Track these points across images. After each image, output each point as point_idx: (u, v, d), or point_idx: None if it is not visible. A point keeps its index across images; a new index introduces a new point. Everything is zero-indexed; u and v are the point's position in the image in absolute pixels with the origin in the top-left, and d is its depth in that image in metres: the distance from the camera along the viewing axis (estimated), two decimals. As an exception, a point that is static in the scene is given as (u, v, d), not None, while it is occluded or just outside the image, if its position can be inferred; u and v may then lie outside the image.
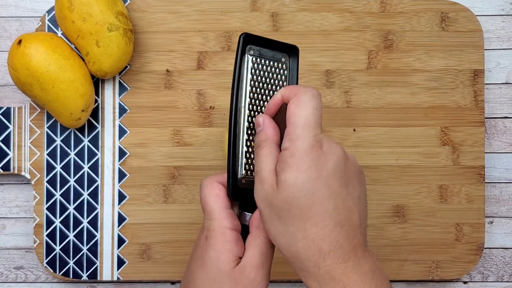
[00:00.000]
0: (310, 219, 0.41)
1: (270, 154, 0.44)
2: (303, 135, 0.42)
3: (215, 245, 0.45)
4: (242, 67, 0.47)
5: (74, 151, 0.66)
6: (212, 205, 0.47)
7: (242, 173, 0.47)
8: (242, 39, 0.47)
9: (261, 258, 0.46)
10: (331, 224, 0.42)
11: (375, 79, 0.67)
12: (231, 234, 0.46)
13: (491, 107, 0.69)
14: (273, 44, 0.49)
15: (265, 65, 0.48)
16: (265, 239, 0.46)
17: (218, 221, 0.46)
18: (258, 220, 0.47)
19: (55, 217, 0.66)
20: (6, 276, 0.68)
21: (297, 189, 0.41)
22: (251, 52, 0.48)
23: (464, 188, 0.67)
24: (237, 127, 0.47)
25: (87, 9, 0.60)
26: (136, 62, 0.67)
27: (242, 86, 0.47)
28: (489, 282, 0.69)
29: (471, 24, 0.67)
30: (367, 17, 0.67)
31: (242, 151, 0.47)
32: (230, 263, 0.45)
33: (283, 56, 0.49)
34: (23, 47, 0.60)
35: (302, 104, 0.42)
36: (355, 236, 0.42)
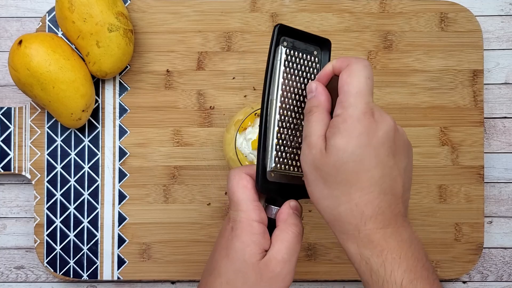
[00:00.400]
0: (356, 184, 0.42)
1: (321, 120, 0.44)
2: (356, 103, 0.42)
3: (241, 237, 0.45)
4: (276, 58, 0.47)
5: (75, 151, 0.66)
6: (239, 196, 0.46)
7: (271, 166, 0.47)
8: (277, 30, 0.46)
9: (287, 252, 0.45)
10: (376, 191, 0.42)
11: (374, 79, 0.67)
12: (258, 226, 0.46)
13: (490, 107, 0.69)
14: (306, 37, 0.48)
15: (298, 57, 0.48)
16: (293, 234, 0.46)
17: (245, 213, 0.46)
18: (286, 214, 0.47)
19: (55, 217, 0.66)
20: (7, 275, 0.68)
21: (346, 154, 0.42)
22: (285, 44, 0.47)
23: (464, 188, 0.67)
24: (268, 119, 0.47)
25: (88, 10, 0.60)
26: (136, 62, 0.67)
27: (274, 77, 0.47)
28: (488, 281, 0.69)
29: (470, 24, 0.67)
30: (366, 18, 0.67)
31: (272, 144, 0.47)
32: (256, 255, 0.45)
33: (315, 49, 0.49)
34: (24, 48, 0.60)
35: (355, 73, 0.43)
36: (396, 205, 0.43)
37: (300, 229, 0.47)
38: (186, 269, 0.66)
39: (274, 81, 0.47)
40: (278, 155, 0.47)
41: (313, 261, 0.66)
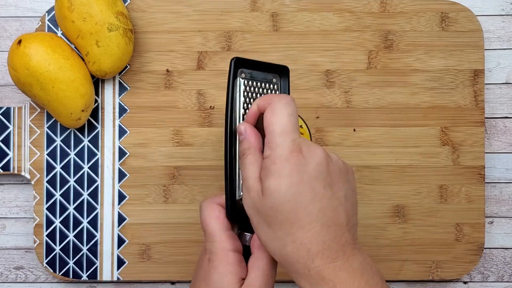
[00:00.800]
0: (296, 223, 0.42)
1: (254, 161, 0.45)
2: (282, 142, 0.43)
3: (218, 268, 0.46)
4: (235, 90, 0.48)
5: (74, 151, 0.66)
6: (213, 227, 0.47)
7: (240, 194, 0.47)
8: (233, 63, 0.48)
9: (264, 279, 0.46)
10: (317, 226, 0.42)
11: (375, 79, 0.67)
12: (233, 256, 0.46)
13: (491, 107, 0.69)
14: (263, 66, 0.50)
15: (257, 87, 0.49)
16: (268, 260, 0.47)
17: (220, 244, 0.47)
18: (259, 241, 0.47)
19: (55, 217, 0.66)
20: (6, 276, 0.68)
21: (281, 195, 0.42)
22: (243, 75, 0.48)
23: (464, 188, 0.67)
24: (233, 149, 0.48)
25: (87, 9, 0.60)
26: (136, 62, 0.67)
27: (235, 109, 0.48)
28: (489, 282, 0.69)
29: (471, 24, 0.67)
30: (367, 17, 0.67)
31: (238, 173, 0.47)
32: (234, 285, 0.45)
33: (274, 76, 0.50)
34: (23, 47, 0.60)
35: (277, 113, 0.44)
36: (342, 235, 0.43)
37: None
38: (186, 269, 0.66)
39: (235, 112, 0.48)
40: None
41: (314, 261, 0.66)
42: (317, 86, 0.66)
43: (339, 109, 0.67)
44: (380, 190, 0.66)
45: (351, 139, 0.66)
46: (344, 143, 0.66)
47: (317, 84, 0.66)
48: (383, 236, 0.66)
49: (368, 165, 0.66)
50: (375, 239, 0.66)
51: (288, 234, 0.43)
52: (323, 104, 0.66)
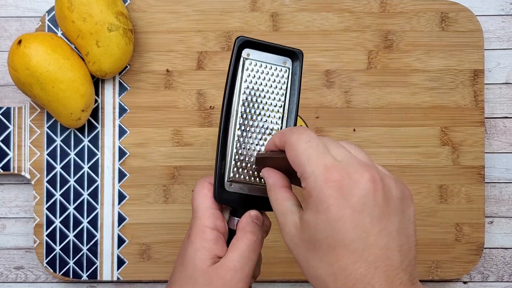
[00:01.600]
0: (336, 262, 0.37)
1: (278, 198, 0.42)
2: (313, 171, 0.38)
3: (194, 243, 0.45)
4: (237, 71, 0.47)
5: (74, 151, 0.66)
6: (198, 203, 0.47)
7: (230, 176, 0.47)
8: (237, 43, 0.47)
9: (240, 260, 0.45)
10: (363, 267, 0.36)
11: (375, 79, 0.67)
12: (210, 232, 0.46)
13: (491, 107, 0.69)
14: (273, 48, 0.48)
15: (263, 69, 0.48)
16: (248, 241, 0.45)
17: (200, 219, 0.46)
18: (244, 223, 0.46)
19: (55, 217, 0.66)
20: (6, 276, 0.68)
21: (319, 230, 0.37)
22: (249, 56, 0.47)
23: (464, 188, 0.67)
24: (228, 130, 0.47)
25: (87, 9, 0.60)
26: (136, 62, 0.67)
27: (235, 90, 0.47)
28: (489, 282, 0.69)
29: (471, 24, 0.67)
30: (367, 17, 0.67)
31: (231, 154, 0.47)
32: (206, 261, 0.45)
33: (285, 60, 0.48)
34: (23, 47, 0.60)
35: (294, 146, 0.40)
36: (396, 276, 0.36)
37: (257, 237, 0.46)
38: (186, 269, 0.66)
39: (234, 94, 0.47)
40: (237, 165, 0.47)
41: (314, 261, 0.66)
42: (317, 86, 0.66)
43: (339, 109, 0.67)
44: (380, 190, 0.66)
45: (351, 139, 0.66)
46: (344, 143, 0.66)
47: (317, 84, 0.66)
48: (383, 236, 0.66)
49: (368, 165, 0.66)
50: (375, 239, 0.66)
51: (329, 274, 0.38)
52: (323, 104, 0.66)
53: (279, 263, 0.66)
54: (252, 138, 0.48)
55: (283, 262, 0.66)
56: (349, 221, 0.36)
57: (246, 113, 0.47)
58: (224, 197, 0.47)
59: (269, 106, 0.48)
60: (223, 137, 0.47)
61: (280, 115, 0.48)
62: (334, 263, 0.37)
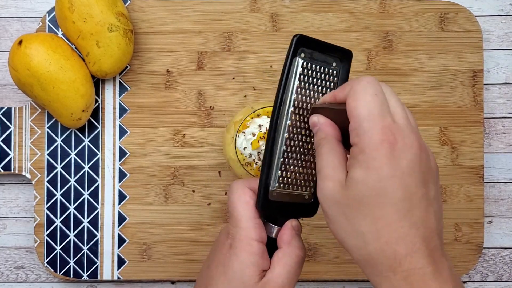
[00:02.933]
0: (382, 218, 0.38)
1: (331, 150, 0.41)
2: (370, 128, 0.38)
3: (240, 256, 0.44)
4: (291, 70, 0.44)
5: (75, 151, 0.66)
6: (240, 212, 0.45)
7: (274, 185, 0.45)
8: (295, 40, 0.44)
9: (288, 277, 0.44)
10: (406, 226, 0.38)
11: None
12: (257, 246, 0.44)
13: (490, 107, 0.69)
14: (326, 47, 0.45)
15: (315, 70, 0.45)
16: (296, 258, 0.44)
17: (245, 231, 0.44)
18: (289, 236, 0.45)
19: (55, 217, 0.66)
20: (7, 275, 0.68)
21: (368, 187, 0.38)
22: (302, 55, 0.44)
23: (463, 188, 0.67)
24: (277, 135, 0.44)
25: (88, 10, 0.60)
26: (136, 62, 0.67)
27: (287, 92, 0.44)
28: (488, 281, 0.69)
29: (470, 24, 0.67)
30: (366, 18, 0.67)
31: (278, 162, 0.44)
32: (255, 277, 0.44)
33: (334, 60, 0.46)
34: (24, 48, 0.60)
35: (360, 94, 0.39)
36: (432, 239, 0.39)
37: (303, 253, 0.45)
38: (186, 269, 0.66)
39: (287, 95, 0.44)
40: (282, 174, 0.45)
41: (313, 261, 0.66)
42: (316, 86, 0.66)
43: (339, 109, 0.67)
44: (379, 190, 0.66)
45: (351, 139, 0.67)
46: (343, 143, 0.66)
47: (317, 84, 0.67)
48: (382, 235, 0.66)
49: (367, 165, 0.66)
50: (375, 238, 0.66)
51: (372, 230, 0.38)
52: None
53: (357, 262, 0.66)
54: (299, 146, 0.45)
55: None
56: (399, 181, 0.38)
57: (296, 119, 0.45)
58: (266, 207, 0.45)
59: None
60: (271, 145, 0.44)
61: None
62: (379, 220, 0.38)
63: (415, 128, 0.40)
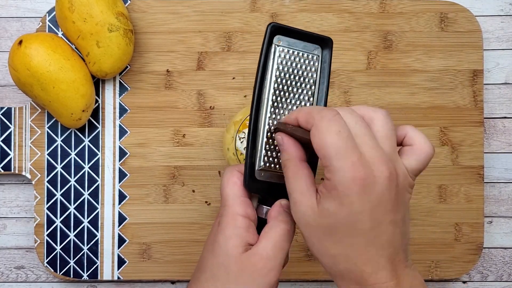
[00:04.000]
0: (351, 245, 0.41)
1: (297, 173, 0.43)
2: (340, 167, 0.39)
3: (225, 230, 0.45)
4: (268, 58, 0.46)
5: (75, 151, 0.66)
6: (227, 191, 0.46)
7: (260, 164, 0.46)
8: (269, 29, 0.45)
9: (273, 249, 0.45)
10: (373, 249, 0.41)
11: (374, 79, 0.67)
12: (242, 220, 0.45)
13: (490, 107, 0.69)
14: (304, 35, 0.47)
15: (294, 56, 0.47)
16: (281, 231, 0.45)
17: (230, 207, 0.46)
18: (276, 212, 0.46)
19: (55, 217, 0.66)
20: (7, 275, 0.68)
21: (339, 219, 0.40)
22: (280, 43, 0.46)
23: (463, 188, 0.67)
24: (259, 117, 0.46)
25: (88, 10, 0.60)
26: (137, 62, 0.67)
27: (266, 76, 0.46)
28: (488, 281, 0.69)
29: (470, 24, 0.67)
30: (366, 18, 0.67)
31: (262, 142, 0.46)
32: (238, 248, 0.45)
33: (315, 48, 0.47)
34: (24, 48, 0.60)
35: (323, 134, 0.40)
36: (397, 255, 0.42)
37: (290, 226, 0.46)
38: (186, 269, 0.66)
39: (266, 80, 0.46)
40: (267, 154, 0.46)
41: (313, 261, 0.66)
42: (316, 86, 0.67)
43: (339, 109, 0.67)
44: (379, 190, 0.67)
45: (351, 139, 0.67)
46: (343, 143, 0.66)
47: (317, 84, 0.67)
48: (382, 235, 0.66)
49: (367, 165, 0.66)
50: (375, 238, 0.66)
51: (342, 254, 0.42)
52: (323, 104, 0.67)
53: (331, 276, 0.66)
54: None
55: (283, 261, 0.66)
56: (368, 213, 0.40)
57: (277, 102, 0.46)
58: (254, 186, 0.46)
59: (300, 94, 0.47)
60: (254, 126, 0.46)
61: (310, 104, 0.47)
62: (349, 246, 0.41)
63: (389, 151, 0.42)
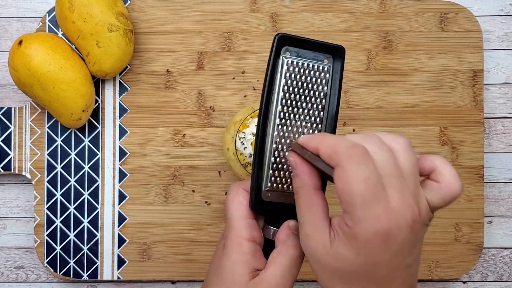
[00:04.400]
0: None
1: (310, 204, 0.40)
2: (365, 218, 0.36)
3: (231, 255, 0.44)
4: (276, 70, 0.43)
5: (75, 151, 0.66)
6: (233, 212, 0.45)
7: (267, 185, 0.44)
8: (276, 40, 0.43)
9: (282, 276, 0.43)
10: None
11: (374, 79, 0.67)
12: (248, 245, 0.44)
13: (490, 107, 0.69)
14: (314, 45, 0.44)
15: (304, 68, 0.44)
16: (291, 257, 0.43)
17: (236, 230, 0.44)
18: (285, 235, 0.44)
19: (55, 217, 0.66)
20: (7, 275, 0.68)
21: (354, 267, 0.38)
22: (288, 54, 0.44)
23: (463, 188, 0.67)
24: (266, 135, 0.44)
25: (88, 10, 0.60)
26: (137, 62, 0.67)
27: (273, 90, 0.43)
28: (488, 281, 0.69)
29: (470, 24, 0.67)
30: (366, 18, 0.67)
31: (269, 162, 0.44)
32: (245, 275, 0.43)
33: (325, 57, 0.45)
34: (24, 48, 0.60)
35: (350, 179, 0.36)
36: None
37: (299, 251, 0.44)
38: (186, 269, 0.66)
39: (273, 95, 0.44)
40: (275, 174, 0.44)
41: (313, 261, 0.66)
42: (316, 86, 0.67)
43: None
44: (379, 190, 0.66)
45: (351, 139, 0.67)
46: (343, 143, 0.66)
47: (317, 85, 0.67)
48: (382, 235, 0.66)
49: (367, 165, 0.66)
50: (375, 238, 0.66)
51: None
52: (323, 104, 0.67)
53: None
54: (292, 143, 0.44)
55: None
56: (386, 263, 0.37)
57: (285, 118, 0.44)
58: (260, 208, 0.44)
59: (310, 109, 0.44)
60: (260, 145, 0.44)
61: (320, 118, 0.45)
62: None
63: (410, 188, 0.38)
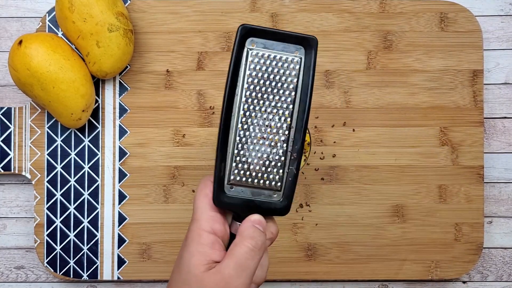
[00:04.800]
0: None
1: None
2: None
3: (189, 247, 0.44)
4: (239, 63, 0.43)
5: (75, 151, 0.66)
6: (198, 204, 0.45)
7: (230, 178, 0.44)
8: (239, 31, 0.42)
9: (236, 268, 0.42)
10: None
11: (374, 79, 0.67)
12: (206, 237, 0.43)
13: (490, 107, 0.69)
14: (283, 36, 0.43)
15: (271, 59, 0.43)
16: (246, 248, 0.43)
17: (197, 222, 0.44)
18: (243, 228, 0.44)
19: (55, 217, 0.66)
20: (7, 275, 0.68)
21: None
22: (254, 46, 0.43)
23: (463, 188, 0.67)
24: (229, 129, 0.43)
25: (88, 10, 0.60)
26: (136, 62, 0.67)
27: (237, 84, 0.43)
28: (488, 281, 0.69)
29: (470, 24, 0.67)
30: (366, 18, 0.67)
31: (232, 155, 0.43)
32: (200, 266, 0.43)
33: (296, 48, 0.43)
34: (24, 48, 0.60)
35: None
36: None
37: (256, 243, 0.43)
38: (186, 269, 0.66)
39: (237, 86, 0.43)
40: (238, 167, 0.44)
41: (313, 261, 0.66)
42: (316, 86, 0.67)
43: (339, 109, 0.67)
44: (379, 190, 0.67)
45: (350, 139, 0.67)
46: (343, 143, 0.66)
47: (317, 84, 0.67)
48: (382, 235, 0.66)
49: (367, 165, 0.67)
50: (374, 238, 0.66)
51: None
52: (323, 104, 0.67)
53: (278, 263, 0.66)
54: (256, 138, 0.44)
55: (282, 262, 0.66)
56: None
57: (250, 111, 0.43)
58: (223, 201, 0.44)
59: (277, 102, 0.44)
60: (223, 137, 0.43)
61: (290, 111, 0.44)
62: None
63: None
